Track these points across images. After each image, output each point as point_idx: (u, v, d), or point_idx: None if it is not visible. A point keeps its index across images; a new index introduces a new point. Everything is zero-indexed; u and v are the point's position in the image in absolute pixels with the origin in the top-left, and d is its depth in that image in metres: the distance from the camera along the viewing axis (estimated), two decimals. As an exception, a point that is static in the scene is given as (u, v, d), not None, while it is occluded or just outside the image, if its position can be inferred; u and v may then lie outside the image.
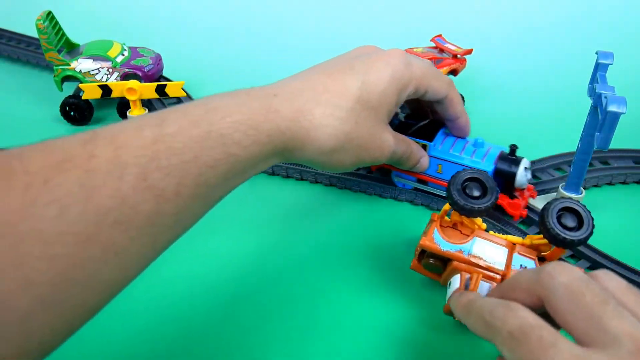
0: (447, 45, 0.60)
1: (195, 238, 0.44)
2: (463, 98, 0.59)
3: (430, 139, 0.45)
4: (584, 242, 0.33)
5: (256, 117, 0.29)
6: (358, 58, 0.37)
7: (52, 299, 0.21)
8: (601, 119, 0.36)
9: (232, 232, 0.45)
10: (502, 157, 0.43)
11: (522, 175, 0.43)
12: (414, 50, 0.59)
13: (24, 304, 0.20)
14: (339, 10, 0.85)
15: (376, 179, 0.49)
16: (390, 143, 0.38)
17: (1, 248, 0.20)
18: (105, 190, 0.22)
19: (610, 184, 0.50)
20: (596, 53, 0.41)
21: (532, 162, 0.50)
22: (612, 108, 0.35)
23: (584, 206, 0.34)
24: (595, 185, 0.50)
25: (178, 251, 0.43)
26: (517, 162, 0.43)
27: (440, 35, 0.62)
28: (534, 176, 0.50)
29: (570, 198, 0.35)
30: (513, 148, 0.43)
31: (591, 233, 0.34)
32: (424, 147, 0.45)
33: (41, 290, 0.21)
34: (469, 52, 0.60)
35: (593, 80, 0.41)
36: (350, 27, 0.80)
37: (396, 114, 0.48)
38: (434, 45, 0.61)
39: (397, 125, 0.47)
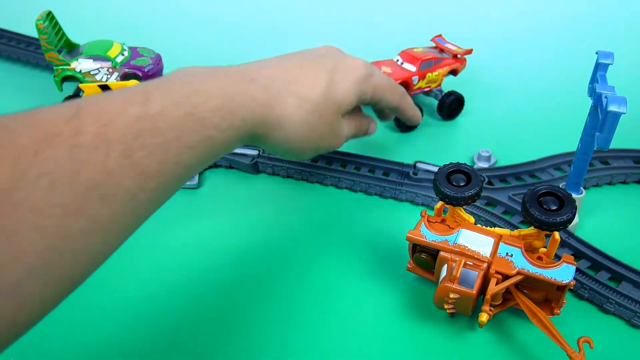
0: (447, 45, 0.60)
1: (202, 236, 0.44)
2: (463, 100, 0.59)
3: None
4: (568, 222, 0.34)
5: (235, 102, 0.31)
6: (326, 57, 0.41)
7: (42, 269, 0.21)
8: (601, 119, 0.36)
9: (233, 230, 0.45)
10: None
11: None
12: (414, 50, 0.59)
13: (16, 273, 0.20)
14: (340, 10, 0.85)
15: (377, 178, 0.49)
16: (344, 132, 0.43)
17: None
18: (92, 165, 0.23)
19: (610, 183, 0.50)
20: (596, 53, 0.41)
21: (533, 162, 0.51)
22: (612, 108, 0.35)
23: (563, 189, 0.36)
24: (596, 185, 0.50)
25: (184, 249, 0.43)
26: None
27: (440, 35, 0.62)
28: (533, 176, 0.50)
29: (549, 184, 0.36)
30: None
31: (574, 214, 0.34)
32: None
33: (32, 260, 0.21)
34: (469, 52, 0.60)
35: (593, 80, 0.41)
36: (352, 28, 0.80)
37: None
38: (434, 45, 0.61)
39: None
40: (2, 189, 0.20)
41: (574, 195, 0.39)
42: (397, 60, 0.58)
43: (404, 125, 0.57)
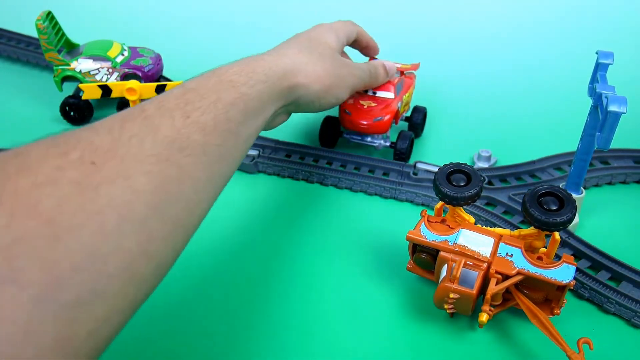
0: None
1: (201, 236, 0.44)
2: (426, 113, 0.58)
3: None
4: (568, 222, 0.34)
5: (250, 64, 0.37)
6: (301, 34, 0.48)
7: (159, 208, 0.26)
8: (602, 119, 0.36)
9: (233, 229, 0.45)
10: None
11: None
12: None
13: (141, 209, 0.25)
14: (341, 8, 0.85)
15: (377, 178, 0.49)
16: (361, 65, 0.49)
17: (112, 166, 0.25)
18: (163, 126, 0.28)
19: (610, 183, 0.50)
20: (596, 53, 0.41)
21: (533, 162, 0.51)
22: (612, 108, 0.35)
23: (563, 189, 0.36)
24: (596, 185, 0.50)
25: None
26: None
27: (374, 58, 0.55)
28: (533, 176, 0.50)
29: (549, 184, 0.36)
30: None
31: (574, 214, 0.34)
32: None
33: (149, 199, 0.25)
34: (416, 66, 0.56)
35: (593, 80, 0.41)
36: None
37: None
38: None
39: None
40: (107, 148, 0.25)
41: (574, 195, 0.39)
42: (367, 91, 0.53)
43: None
